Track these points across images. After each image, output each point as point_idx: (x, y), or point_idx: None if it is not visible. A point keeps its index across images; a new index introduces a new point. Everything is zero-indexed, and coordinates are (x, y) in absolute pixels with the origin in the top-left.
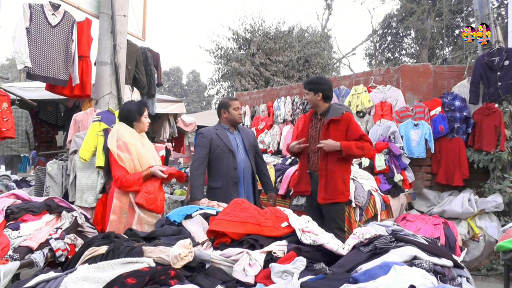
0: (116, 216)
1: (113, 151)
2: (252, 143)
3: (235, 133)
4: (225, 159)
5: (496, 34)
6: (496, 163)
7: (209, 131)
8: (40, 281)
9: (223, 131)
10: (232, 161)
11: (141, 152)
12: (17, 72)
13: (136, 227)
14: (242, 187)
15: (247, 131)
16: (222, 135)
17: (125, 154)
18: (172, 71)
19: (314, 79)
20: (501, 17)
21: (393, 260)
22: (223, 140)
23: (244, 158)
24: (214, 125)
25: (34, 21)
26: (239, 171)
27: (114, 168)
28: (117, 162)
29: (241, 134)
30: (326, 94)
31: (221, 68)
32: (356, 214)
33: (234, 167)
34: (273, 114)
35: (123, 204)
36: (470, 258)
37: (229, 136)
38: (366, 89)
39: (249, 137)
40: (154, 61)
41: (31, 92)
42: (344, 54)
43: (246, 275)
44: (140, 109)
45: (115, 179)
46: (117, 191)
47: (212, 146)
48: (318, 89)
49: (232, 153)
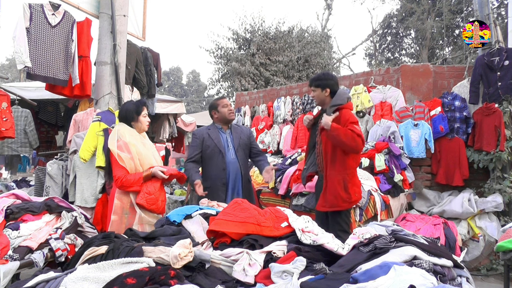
0: (117, 216)
1: (113, 151)
2: (244, 142)
3: (227, 133)
4: (214, 159)
5: (496, 34)
6: (496, 163)
7: (201, 131)
8: (40, 281)
9: (215, 130)
10: (221, 162)
11: (142, 152)
12: (17, 72)
13: (137, 227)
14: (230, 188)
15: (241, 130)
16: (214, 135)
17: (125, 154)
18: (172, 71)
19: (320, 75)
20: (501, 17)
21: (393, 260)
22: (214, 140)
23: (233, 159)
24: (208, 124)
25: (34, 21)
26: (227, 172)
27: (114, 168)
28: (117, 162)
29: (233, 134)
30: (334, 89)
31: (221, 68)
32: (356, 214)
33: (223, 168)
34: (273, 114)
35: (124, 204)
36: (470, 258)
37: (221, 136)
38: (366, 89)
39: (242, 135)
40: (154, 61)
41: (31, 92)
42: (344, 54)
43: (246, 275)
44: (138, 108)
45: (116, 179)
46: (118, 191)
47: (203, 146)
48: (325, 85)
49: (222, 154)
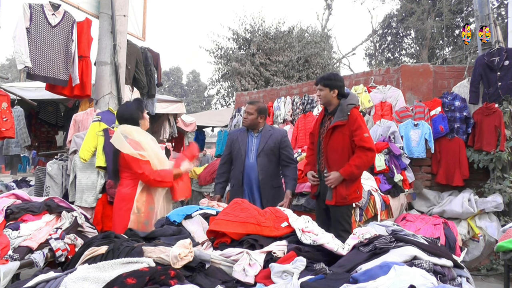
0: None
1: (133, 154)
2: (270, 147)
3: (255, 136)
4: (237, 161)
5: (496, 34)
6: (496, 163)
7: (235, 132)
8: (40, 281)
9: (244, 133)
10: (241, 165)
11: (154, 148)
12: (17, 72)
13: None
14: (246, 191)
15: (271, 134)
16: (241, 138)
17: (144, 152)
18: (172, 71)
19: (330, 75)
20: (501, 17)
21: (393, 260)
22: (240, 143)
23: (252, 163)
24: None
25: (34, 21)
26: (245, 175)
27: (137, 165)
28: (138, 160)
29: (262, 138)
30: (341, 92)
31: (221, 68)
32: (356, 214)
33: (241, 170)
34: (273, 114)
35: (151, 198)
36: (470, 258)
37: (248, 139)
38: (366, 89)
39: (270, 140)
40: (154, 61)
41: (31, 92)
42: (344, 54)
43: (246, 275)
44: (140, 106)
45: (142, 173)
46: (142, 188)
47: (232, 148)
48: (334, 86)
49: (242, 157)
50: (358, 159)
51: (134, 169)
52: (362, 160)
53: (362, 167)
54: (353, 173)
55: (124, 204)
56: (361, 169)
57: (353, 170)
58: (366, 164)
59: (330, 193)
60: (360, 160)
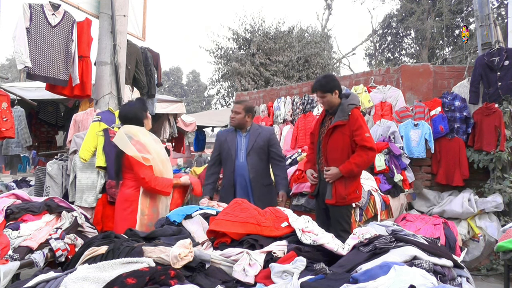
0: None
1: (136, 157)
2: (259, 145)
3: (244, 135)
4: (227, 162)
5: (496, 34)
6: (496, 163)
7: (222, 133)
8: (40, 281)
9: (233, 134)
10: (231, 165)
11: (159, 150)
12: (17, 72)
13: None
14: (238, 191)
15: (259, 132)
16: (230, 138)
17: (148, 155)
18: (172, 71)
19: (324, 80)
20: (501, 17)
21: (393, 260)
22: (229, 143)
23: (242, 162)
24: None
25: (34, 21)
26: (235, 175)
27: (139, 169)
28: (141, 163)
29: (250, 137)
30: (340, 89)
31: (221, 68)
32: (356, 214)
33: (231, 171)
34: (273, 114)
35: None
36: (470, 258)
37: (237, 139)
38: (366, 89)
39: (259, 138)
40: (154, 61)
41: (31, 92)
42: (344, 54)
43: (246, 275)
44: (143, 106)
45: (142, 178)
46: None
47: (221, 149)
48: (333, 87)
49: (232, 157)
50: (358, 158)
51: (136, 172)
52: (362, 159)
53: (362, 166)
54: (353, 170)
55: (127, 204)
56: (361, 168)
57: (353, 167)
58: (366, 163)
59: (329, 191)
60: (361, 159)
